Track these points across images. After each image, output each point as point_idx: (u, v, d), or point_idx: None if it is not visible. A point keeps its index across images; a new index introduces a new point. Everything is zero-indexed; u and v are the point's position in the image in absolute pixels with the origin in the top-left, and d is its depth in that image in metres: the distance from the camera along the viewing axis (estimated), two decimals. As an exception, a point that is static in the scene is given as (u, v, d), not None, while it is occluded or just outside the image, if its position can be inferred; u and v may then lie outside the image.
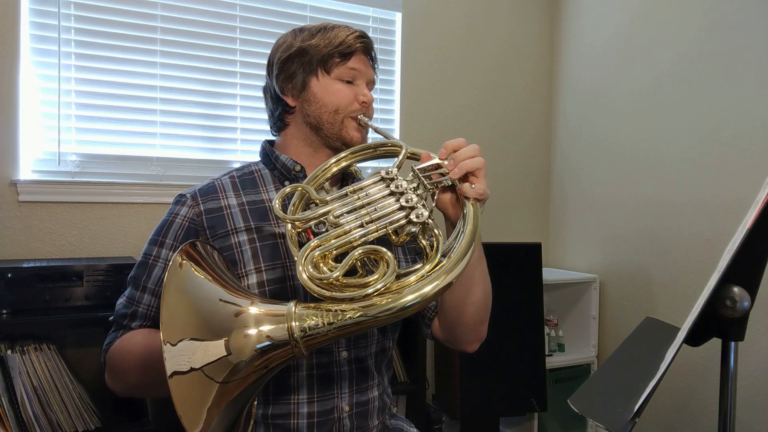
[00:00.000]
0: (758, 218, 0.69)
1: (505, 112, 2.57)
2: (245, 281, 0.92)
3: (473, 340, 1.02)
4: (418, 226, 0.77)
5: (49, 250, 1.76)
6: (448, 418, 2.18)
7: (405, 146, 0.90)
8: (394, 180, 0.81)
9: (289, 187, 0.82)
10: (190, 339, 0.66)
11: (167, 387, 0.61)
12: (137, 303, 0.95)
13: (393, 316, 0.69)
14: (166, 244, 0.96)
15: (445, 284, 0.70)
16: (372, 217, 0.77)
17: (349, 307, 0.69)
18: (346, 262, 0.71)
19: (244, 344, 0.68)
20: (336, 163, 0.93)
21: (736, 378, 0.77)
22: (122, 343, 0.92)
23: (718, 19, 1.91)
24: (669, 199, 2.08)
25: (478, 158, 0.84)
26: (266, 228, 0.96)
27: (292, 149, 1.04)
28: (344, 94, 0.99)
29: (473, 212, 0.81)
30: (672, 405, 2.05)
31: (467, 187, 0.83)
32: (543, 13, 2.66)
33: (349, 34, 1.00)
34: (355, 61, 1.00)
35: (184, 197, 0.99)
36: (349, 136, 1.00)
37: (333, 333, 0.70)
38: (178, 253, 0.72)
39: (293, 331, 0.69)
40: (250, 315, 0.70)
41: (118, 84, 1.87)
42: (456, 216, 0.88)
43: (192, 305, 0.70)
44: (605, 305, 2.38)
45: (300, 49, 1.00)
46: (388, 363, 1.08)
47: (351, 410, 0.97)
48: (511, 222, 2.59)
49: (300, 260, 0.71)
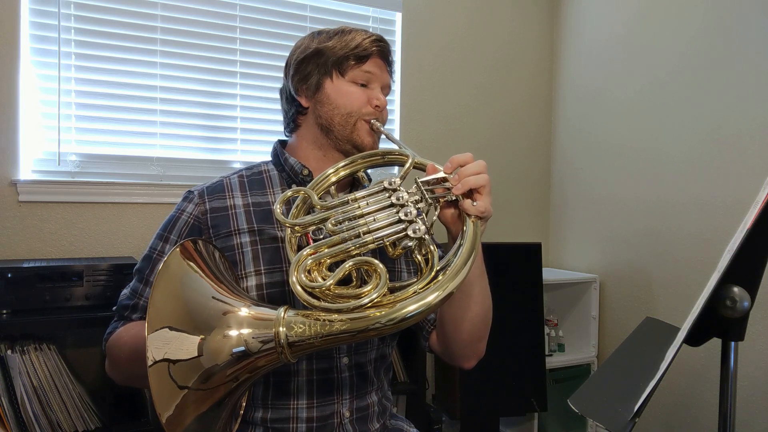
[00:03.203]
0: (758, 218, 0.69)
1: (505, 112, 2.57)
2: (244, 283, 0.92)
3: (470, 357, 1.02)
4: (414, 241, 0.76)
5: (49, 250, 1.76)
6: (448, 418, 2.18)
7: (412, 156, 0.88)
8: (396, 191, 0.80)
9: (290, 191, 0.82)
10: (168, 327, 0.66)
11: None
12: (140, 296, 0.96)
13: (384, 330, 0.69)
14: (170, 239, 0.97)
15: (438, 300, 0.70)
16: (369, 228, 0.77)
17: (338, 318, 0.69)
18: (338, 273, 0.71)
19: (222, 346, 0.67)
20: (341, 169, 0.91)
21: (736, 378, 0.77)
22: (122, 333, 0.93)
23: (718, 19, 1.91)
24: (669, 199, 2.08)
25: (483, 175, 0.82)
26: (268, 231, 0.96)
27: (301, 151, 1.03)
28: (357, 96, 0.99)
29: (473, 230, 0.80)
30: (672, 405, 2.05)
31: (469, 204, 0.82)
32: (543, 13, 2.66)
33: (366, 37, 0.99)
34: (370, 64, 1.00)
35: (192, 194, 0.99)
36: (360, 140, 0.99)
37: (319, 342, 0.70)
38: (177, 247, 0.72)
39: (280, 336, 0.69)
40: (238, 316, 0.70)
41: (118, 84, 1.87)
42: (457, 231, 0.86)
43: (181, 296, 0.70)
44: (605, 305, 2.38)
45: (316, 50, 0.99)
46: (386, 368, 1.08)
47: (351, 416, 0.97)
48: (511, 222, 2.59)
49: (293, 267, 0.72)
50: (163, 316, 0.67)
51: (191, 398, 0.66)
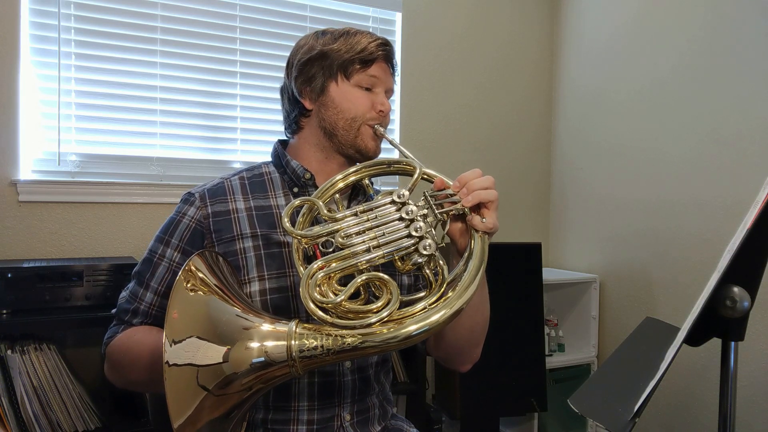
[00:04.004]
0: (758, 218, 0.69)
1: (505, 112, 2.57)
2: (248, 288, 0.92)
3: (466, 362, 1.04)
4: (424, 257, 0.77)
5: (49, 250, 1.76)
6: (448, 418, 2.18)
7: (420, 167, 0.88)
8: (406, 205, 0.80)
9: (298, 200, 0.81)
10: (196, 337, 0.68)
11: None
12: (140, 300, 0.95)
13: (393, 347, 0.70)
14: (171, 243, 0.96)
15: (446, 318, 0.71)
16: (380, 242, 0.77)
17: (349, 333, 0.70)
18: (349, 288, 0.71)
19: (245, 357, 0.69)
20: (350, 176, 0.90)
21: (736, 378, 0.77)
22: (123, 339, 0.92)
23: (718, 19, 1.91)
24: (669, 199, 2.08)
25: (492, 191, 0.83)
26: (272, 236, 0.95)
27: (303, 153, 1.03)
28: (362, 101, 0.98)
29: (481, 246, 0.80)
30: (672, 405, 2.05)
31: (478, 221, 0.82)
32: (543, 13, 2.66)
33: (372, 41, 0.98)
34: (375, 68, 0.99)
35: (193, 197, 0.98)
36: (364, 145, 0.99)
37: (330, 357, 0.71)
38: (190, 262, 0.74)
39: (292, 350, 0.70)
40: (257, 331, 0.72)
41: (118, 84, 1.87)
42: (463, 245, 0.87)
43: (203, 310, 0.72)
44: (605, 305, 2.38)
45: (321, 52, 0.98)
46: (386, 372, 1.08)
47: (352, 419, 0.97)
48: (511, 222, 2.59)
49: (303, 282, 0.72)
50: (189, 327, 0.69)
51: (207, 402, 0.67)
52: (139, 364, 0.87)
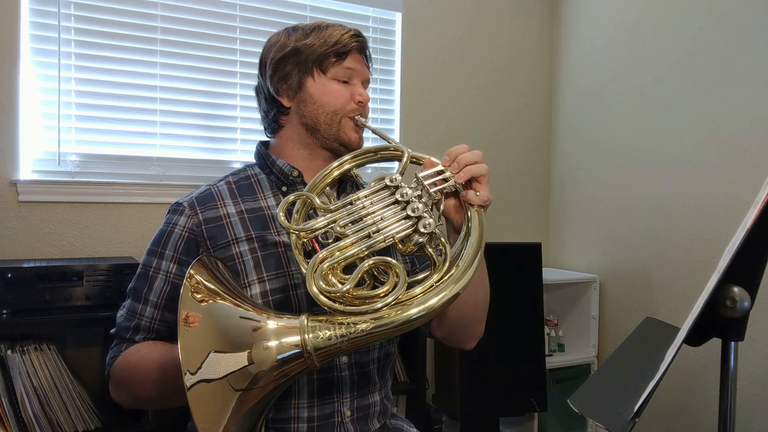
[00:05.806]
0: (758, 218, 0.69)
1: (506, 112, 2.57)
2: (248, 291, 0.91)
3: (471, 338, 1.03)
4: (425, 236, 0.77)
5: (49, 250, 1.76)
6: (448, 418, 2.18)
7: (407, 151, 0.89)
8: (399, 188, 0.81)
9: (292, 196, 0.81)
10: (214, 352, 0.68)
11: (179, 399, 0.61)
12: (139, 316, 0.94)
13: (404, 328, 0.70)
14: (166, 255, 0.94)
15: (453, 294, 0.72)
16: (378, 227, 0.77)
17: (361, 319, 0.70)
18: (356, 275, 0.71)
19: (266, 356, 0.69)
20: (337, 168, 0.92)
21: (736, 378, 0.77)
22: (127, 357, 0.91)
23: (718, 19, 1.91)
24: (669, 199, 2.08)
25: (482, 164, 0.84)
26: (268, 237, 0.95)
27: (287, 151, 1.02)
28: (341, 94, 0.98)
29: (478, 220, 0.81)
30: (672, 405, 2.05)
31: (472, 195, 0.83)
32: (543, 13, 2.66)
33: (344, 33, 0.99)
34: (350, 60, 0.99)
35: (182, 206, 0.97)
36: (347, 137, 0.99)
37: (346, 345, 0.70)
38: (192, 269, 0.73)
39: (306, 343, 0.70)
40: (268, 329, 0.71)
41: (118, 84, 1.87)
42: (459, 221, 0.87)
43: (212, 321, 0.72)
44: (605, 305, 2.38)
45: (294, 48, 0.98)
46: (391, 368, 1.07)
47: (353, 415, 0.97)
48: (511, 222, 2.59)
49: (309, 274, 0.72)
50: (205, 343, 0.68)
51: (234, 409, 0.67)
52: (148, 380, 0.86)
